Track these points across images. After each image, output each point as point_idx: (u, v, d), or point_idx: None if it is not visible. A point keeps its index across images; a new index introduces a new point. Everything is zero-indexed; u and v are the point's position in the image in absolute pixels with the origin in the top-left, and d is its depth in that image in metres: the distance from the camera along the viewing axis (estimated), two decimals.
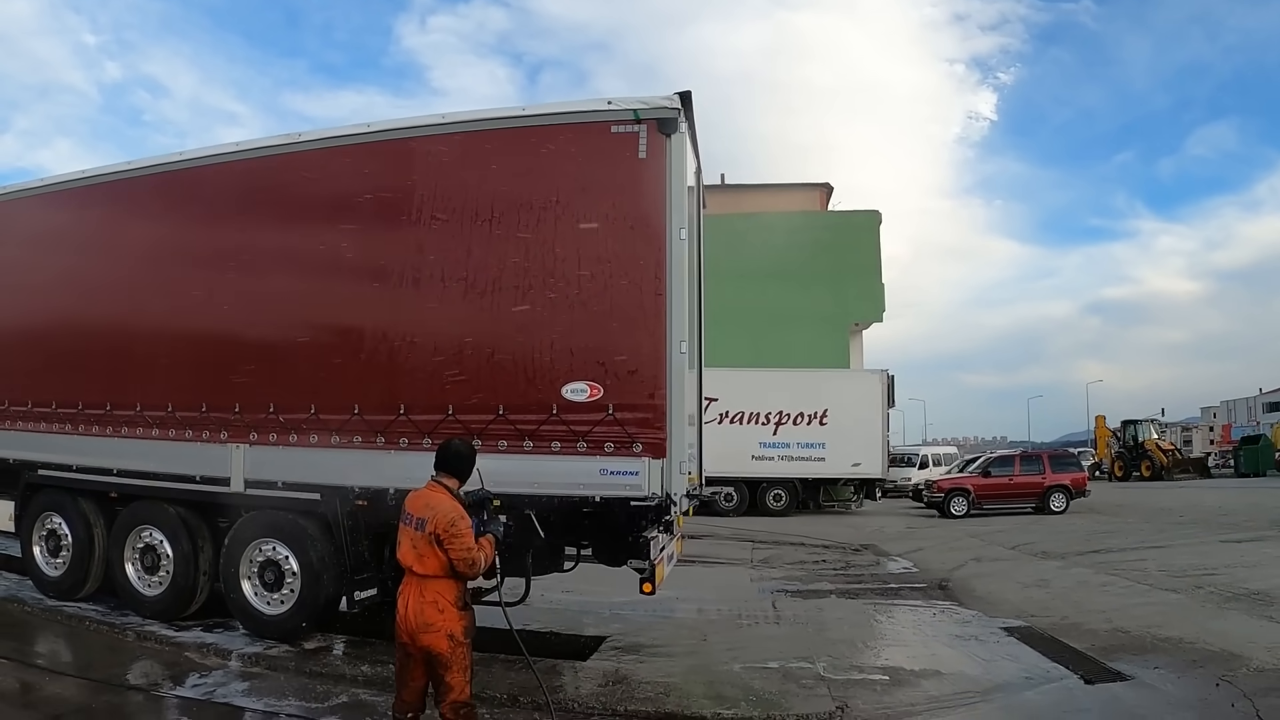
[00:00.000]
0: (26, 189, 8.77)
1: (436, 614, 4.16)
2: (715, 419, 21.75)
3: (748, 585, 10.92)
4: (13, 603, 7.92)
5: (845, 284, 28.62)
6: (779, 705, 5.63)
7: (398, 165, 6.96)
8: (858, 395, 21.99)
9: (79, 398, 7.87)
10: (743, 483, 22.07)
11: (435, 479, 4.43)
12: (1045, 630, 7.72)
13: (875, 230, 30.10)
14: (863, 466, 21.84)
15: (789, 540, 16.14)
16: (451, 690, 4.17)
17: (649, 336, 6.17)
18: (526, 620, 8.46)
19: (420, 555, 4.20)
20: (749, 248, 29.16)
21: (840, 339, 28.60)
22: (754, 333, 27.73)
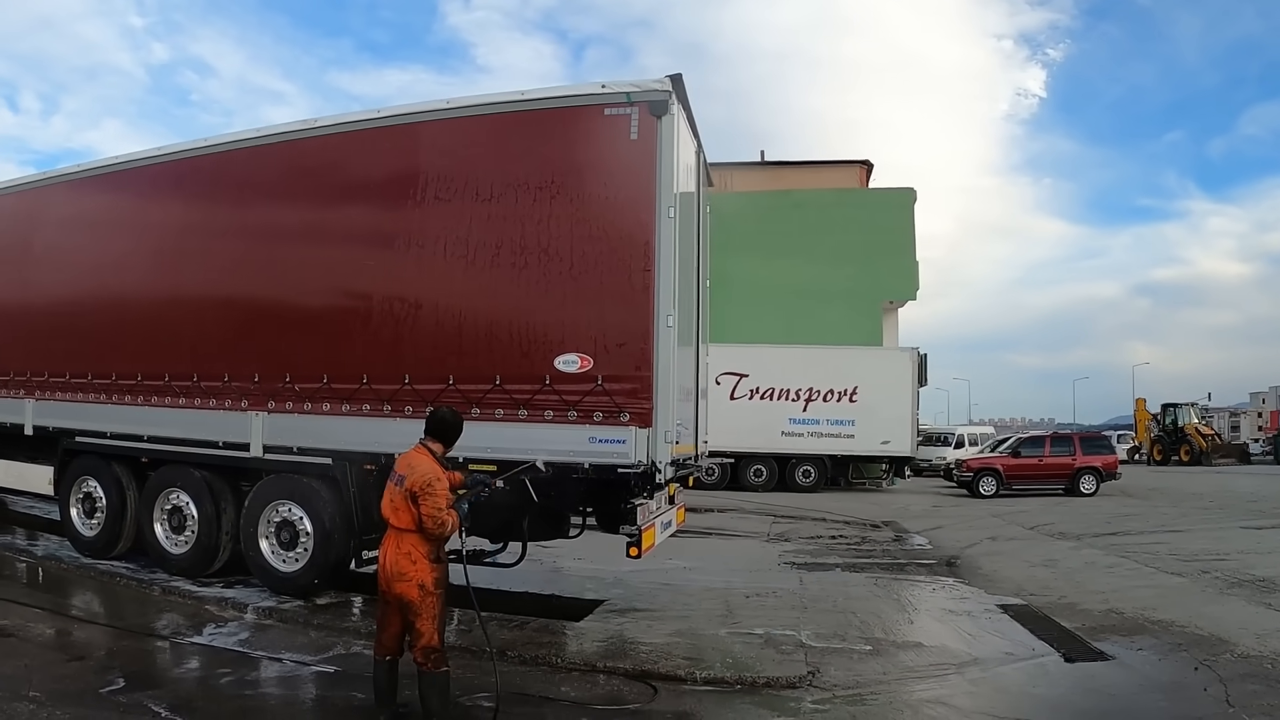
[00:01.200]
0: (61, 175, 9.34)
1: (409, 565, 4.50)
2: (746, 395, 22.13)
3: (757, 557, 11.15)
4: (52, 561, 8.52)
5: (879, 262, 28.38)
6: (751, 668, 5.82)
7: (405, 148, 7.30)
8: (888, 373, 22.03)
9: (112, 369, 8.38)
10: (772, 459, 22.29)
11: (422, 442, 4.83)
12: (1040, 609, 7.78)
13: (910, 208, 29.73)
14: (892, 444, 21.89)
15: (811, 515, 16.32)
16: (421, 636, 4.50)
17: (637, 311, 6.39)
18: (532, 584, 8.90)
19: (396, 509, 4.56)
20: (782, 225, 29.21)
21: (873, 317, 28.44)
22: (787, 310, 27.81)
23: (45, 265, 9.04)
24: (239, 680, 5.48)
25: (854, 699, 5.25)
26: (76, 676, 5.26)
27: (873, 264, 28.23)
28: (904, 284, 29.19)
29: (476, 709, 5.02)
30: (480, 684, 5.34)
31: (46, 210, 9.15)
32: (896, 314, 30.59)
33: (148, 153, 8.66)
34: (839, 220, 28.71)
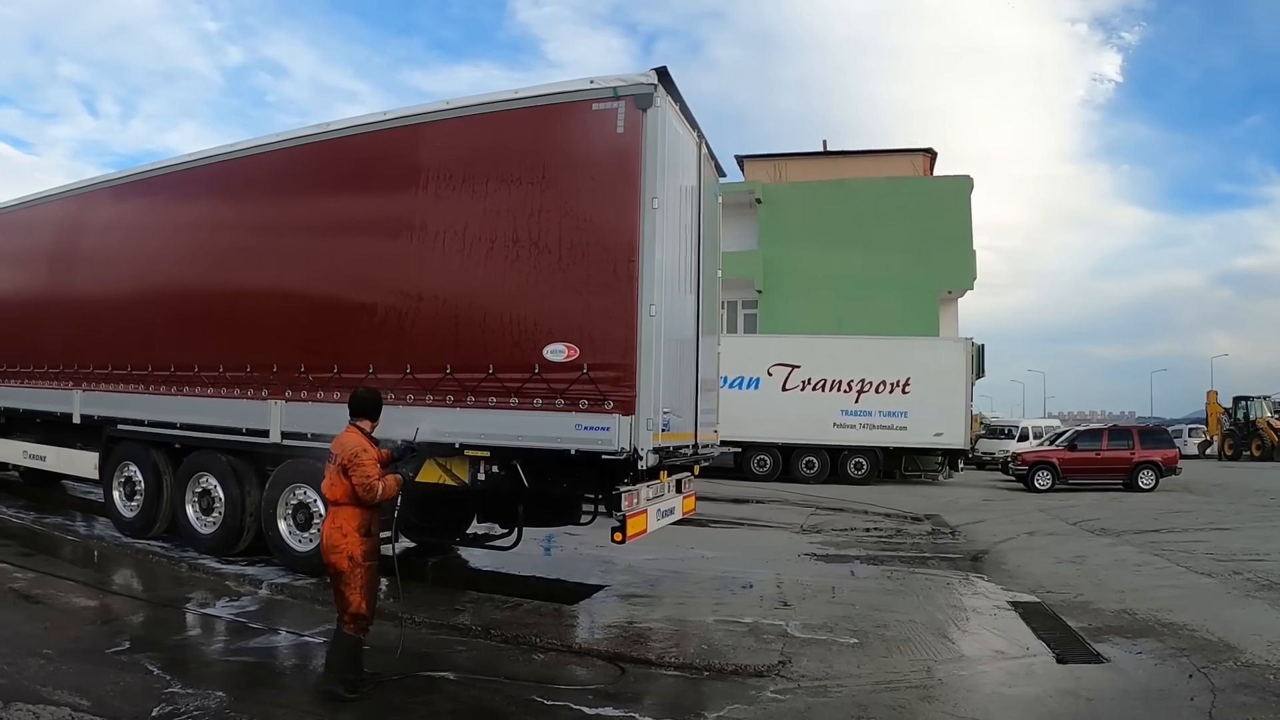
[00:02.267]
0: (102, 181, 10.03)
1: (341, 538, 4.84)
2: (798, 386, 22.05)
3: (781, 548, 11.11)
4: (94, 539, 9.19)
5: (935, 251, 27.71)
6: (724, 655, 5.85)
7: (408, 149, 7.57)
8: (941, 364, 21.55)
9: (149, 361, 8.94)
10: (824, 450, 22.10)
11: (352, 422, 5.11)
12: (1052, 607, 7.57)
13: (966, 196, 28.91)
14: (945, 437, 21.41)
15: (853, 508, 16.15)
16: (350, 604, 4.82)
17: (620, 300, 6.50)
18: (543, 568, 9.14)
19: (330, 484, 4.92)
20: (838, 215, 28.92)
21: (930, 307, 27.79)
22: (842, 301, 27.57)
23: (89, 266, 9.70)
24: (231, 647, 5.86)
25: (817, 690, 5.21)
26: (89, 638, 5.72)
27: (929, 253, 27.61)
28: (961, 273, 28.45)
29: (439, 681, 5.22)
30: (450, 662, 5.58)
31: (90, 215, 9.84)
32: (956, 304, 29.89)
33: (175, 160, 9.23)
34: (895, 209, 28.16)
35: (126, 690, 4.73)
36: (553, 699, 4.91)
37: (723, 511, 15.06)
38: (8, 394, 10.61)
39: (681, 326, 7.59)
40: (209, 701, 4.61)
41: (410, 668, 5.33)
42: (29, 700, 4.40)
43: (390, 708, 4.76)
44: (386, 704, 4.79)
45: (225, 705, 4.59)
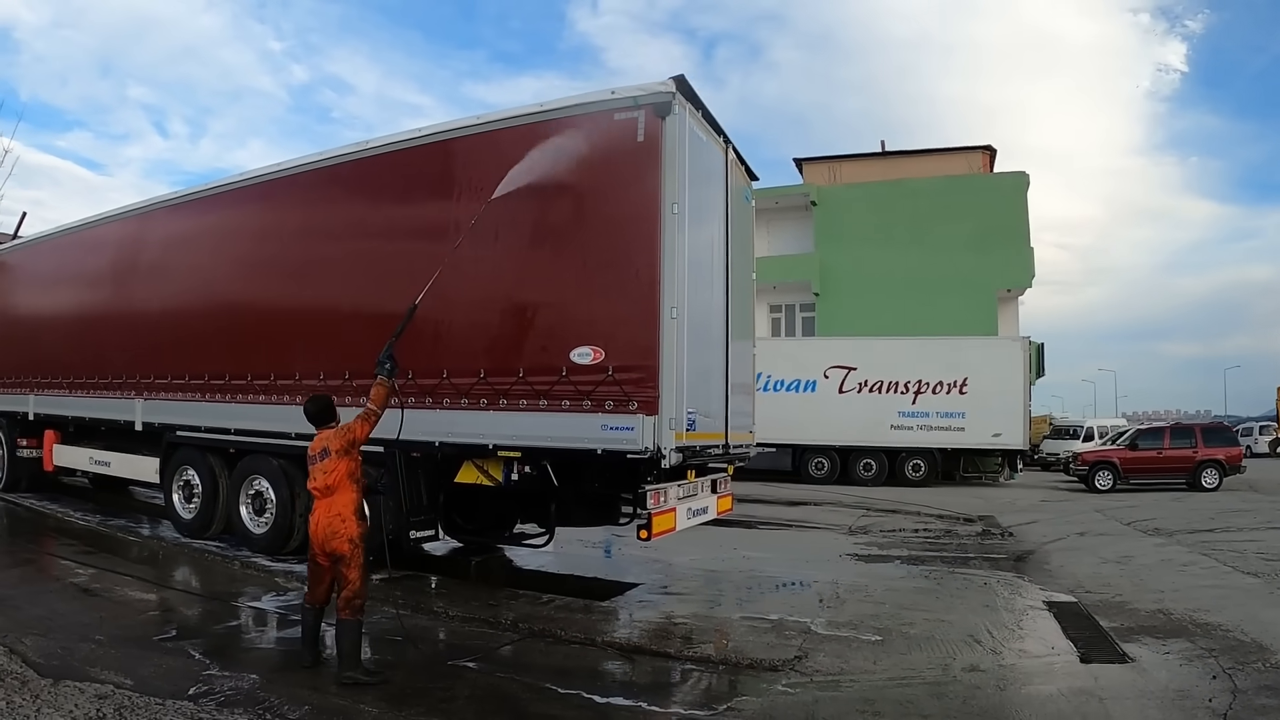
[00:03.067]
0: (156, 203, 10.65)
1: (341, 524, 5.26)
2: (855, 388, 22.00)
3: (825, 548, 11.11)
4: (155, 540, 9.69)
5: (992, 249, 27.27)
6: (742, 650, 5.93)
7: (442, 163, 7.85)
8: (998, 363, 21.21)
9: (205, 370, 9.41)
10: (882, 452, 21.96)
11: (319, 431, 5.67)
12: (1087, 607, 7.44)
13: (1023, 193, 28.30)
14: (1003, 437, 21.06)
15: (906, 509, 16.02)
16: (350, 584, 5.19)
17: (643, 303, 6.64)
18: (583, 566, 9.34)
19: (327, 472, 5.34)
20: (894, 215, 28.69)
21: (988, 306, 27.34)
22: (899, 301, 27.39)
23: (148, 282, 10.27)
24: (270, 636, 6.22)
25: (828, 685, 5.25)
26: (139, 627, 6.11)
27: (987, 251, 27.18)
28: (1019, 271, 27.87)
29: (462, 669, 5.44)
30: (475, 652, 5.80)
31: (146, 234, 10.45)
32: (1016, 303, 29.31)
33: (221, 181, 9.77)
34: (951, 208, 27.83)
35: (168, 672, 5.05)
36: (567, 688, 5.06)
37: (774, 514, 15.13)
38: (76, 404, 11.26)
39: (709, 328, 7.69)
40: (242, 683, 4.90)
41: (437, 657, 5.59)
42: (76, 679, 4.75)
43: (412, 691, 4.98)
44: (408, 688, 5.02)
45: (257, 686, 4.87)
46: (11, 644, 5.35)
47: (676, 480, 7.45)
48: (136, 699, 4.50)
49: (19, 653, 5.19)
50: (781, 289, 31.05)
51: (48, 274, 12.55)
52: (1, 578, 7.47)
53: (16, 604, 6.49)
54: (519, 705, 4.80)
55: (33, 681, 4.69)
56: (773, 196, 32.01)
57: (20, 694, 4.47)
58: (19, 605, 6.46)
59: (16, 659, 5.06)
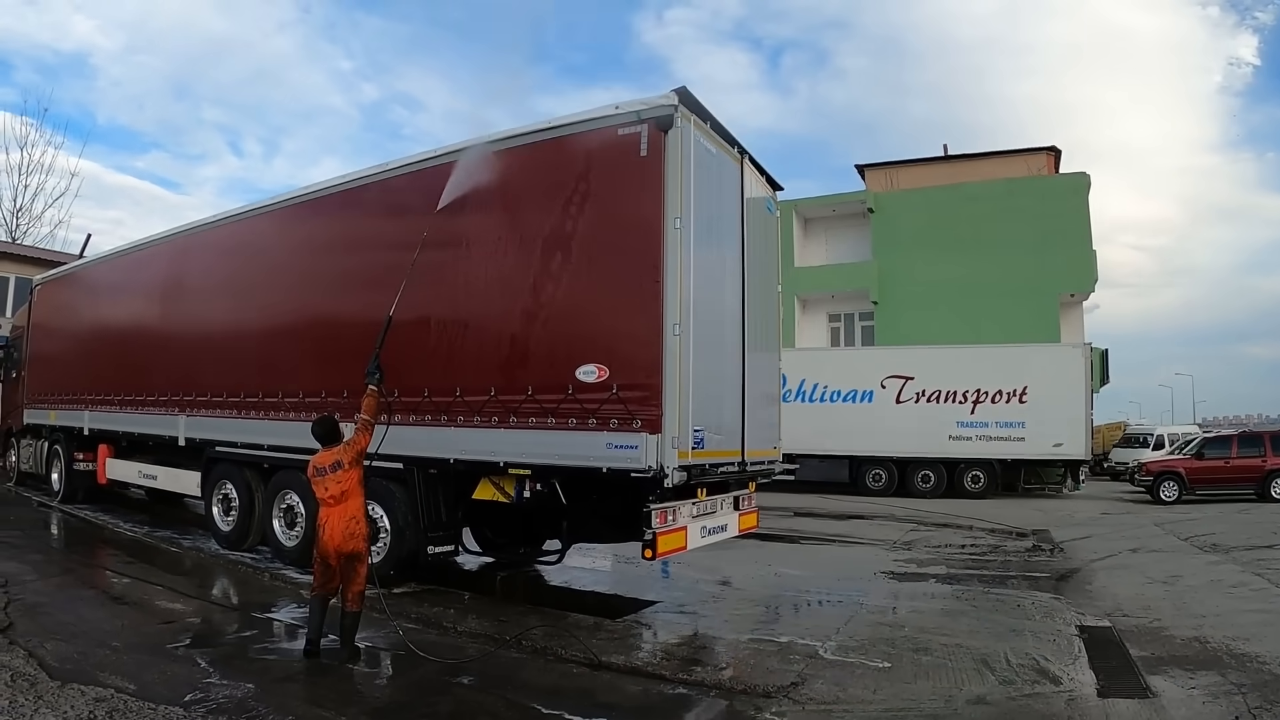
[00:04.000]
0: (193, 227, 11.14)
1: (356, 526, 5.98)
2: (912, 398, 21.61)
3: (861, 565, 10.84)
4: (193, 551, 10.09)
5: (1053, 253, 26.47)
6: (740, 674, 5.83)
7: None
8: (1058, 371, 20.48)
9: (241, 388, 9.76)
10: (940, 463, 21.42)
11: (326, 449, 6.28)
12: (1121, 632, 7.07)
13: (1084, 194, 27.30)
14: (1064, 447, 20.30)
15: (958, 523, 15.59)
16: (359, 578, 5.95)
17: (646, 320, 6.63)
18: (606, 583, 9.33)
19: (340, 481, 6.02)
20: (952, 220, 28.09)
21: (1050, 312, 26.51)
22: (959, 308, 26.85)
23: (189, 303, 10.79)
24: (278, 646, 6.36)
25: (819, 714, 5.08)
26: (156, 635, 6.36)
27: (1048, 255, 26.41)
28: (1081, 275, 26.94)
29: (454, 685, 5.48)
30: (472, 668, 5.82)
31: (187, 256, 10.96)
32: (1080, 308, 28.34)
33: (247, 206, 10.23)
34: (1011, 212, 27.13)
35: (171, 679, 5.25)
36: (552, 708, 5.05)
37: (820, 528, 14.90)
38: (126, 420, 11.80)
39: (721, 343, 7.60)
40: (237, 691, 5.07)
41: (433, 672, 5.67)
42: (84, 682, 5.01)
43: (397, 705, 5.08)
44: (394, 702, 5.12)
45: (250, 695, 5.02)
46: (33, 648, 5.68)
47: (689, 498, 7.38)
48: (131, 703, 4.71)
49: (37, 656, 5.51)
50: (840, 298, 30.67)
51: (98, 295, 13.28)
52: (41, 585, 7.88)
53: (49, 610, 6.86)
54: None
55: (42, 683, 4.98)
56: (829, 204, 31.68)
57: (26, 694, 4.75)
58: (51, 612, 6.83)
59: (33, 662, 5.38)
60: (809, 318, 31.34)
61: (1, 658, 5.42)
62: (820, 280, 30.70)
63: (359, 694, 5.27)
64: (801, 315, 30.93)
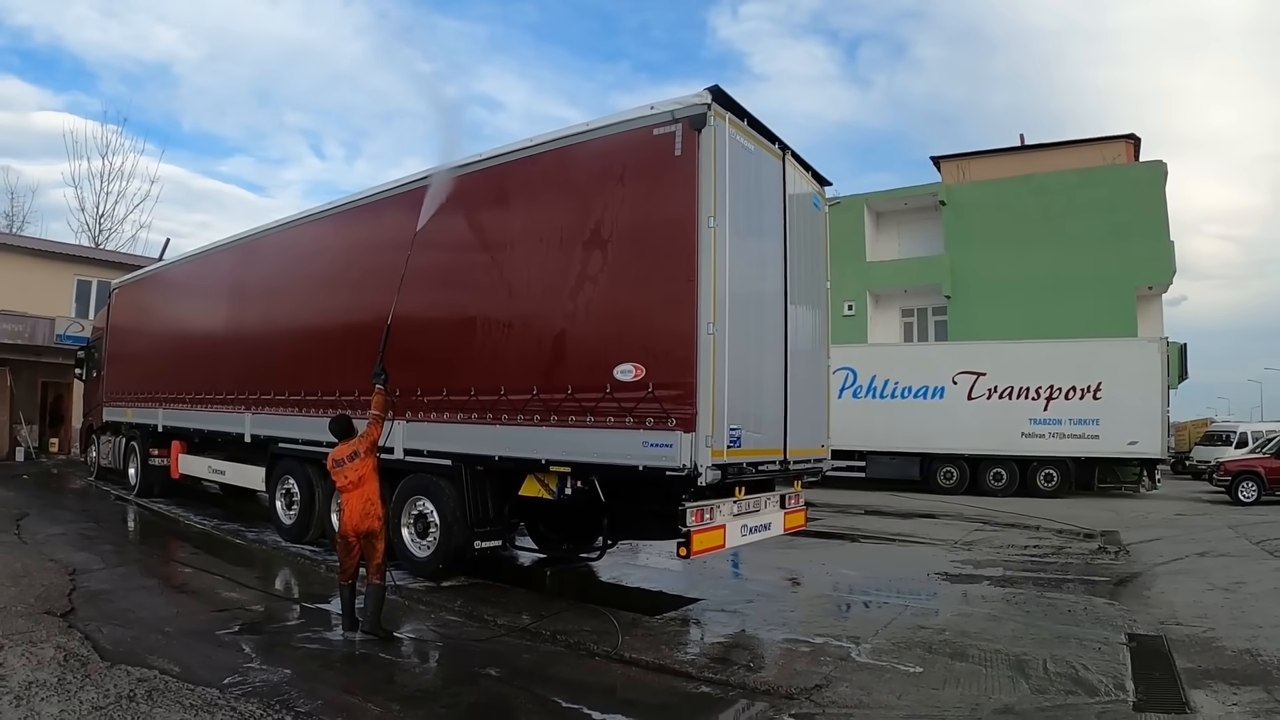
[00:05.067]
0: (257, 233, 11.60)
1: (374, 507, 6.58)
2: (984, 394, 21.14)
3: (916, 565, 10.62)
4: (257, 543, 10.55)
5: (1129, 244, 25.43)
6: (767, 674, 5.82)
7: (498, 187, 8.18)
8: (1134, 367, 19.74)
9: (302, 387, 10.13)
10: (1012, 462, 20.84)
11: (343, 442, 6.92)
12: (1171, 642, 6.78)
13: (1160, 183, 26.02)
14: (1140, 445, 19.53)
15: (1025, 523, 15.17)
16: (378, 554, 6.56)
17: (681, 319, 6.65)
18: (654, 580, 9.37)
19: (357, 469, 6.64)
20: (1026, 212, 27.26)
21: (1126, 305, 25.48)
22: (1034, 302, 26.00)
23: (252, 305, 11.31)
24: (321, 636, 6.59)
25: (840, 718, 5.03)
26: (208, 621, 6.71)
27: (1123, 247, 25.37)
28: (1158, 267, 25.84)
29: (481, 676, 5.62)
30: (503, 661, 5.96)
31: (251, 260, 11.45)
32: (1159, 301, 27.14)
33: (305, 212, 10.63)
34: (1085, 202, 26.14)
35: (214, 663, 5.55)
36: (572, 702, 5.14)
37: (883, 526, 14.72)
38: (197, 417, 12.39)
39: (761, 342, 7.58)
40: (274, 676, 5.32)
41: (465, 664, 5.85)
42: (131, 664, 5.35)
43: (423, 695, 5.25)
44: (420, 690, 5.28)
45: (285, 680, 5.26)
46: (90, 631, 6.07)
47: (728, 497, 7.37)
48: (171, 684, 5.00)
49: (93, 639, 5.89)
50: (913, 293, 30.08)
51: (170, 298, 14.04)
52: (107, 574, 8.37)
53: (110, 598, 7.30)
54: (513, 717, 4.92)
55: (93, 663, 5.33)
56: (900, 198, 31.08)
57: (75, 673, 5.10)
58: (112, 599, 7.27)
59: (88, 644, 5.75)
60: (882, 313, 30.85)
61: (59, 639, 5.81)
62: (892, 275, 30.17)
63: (389, 682, 5.45)
64: (874, 311, 30.47)
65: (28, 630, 6.02)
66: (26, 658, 5.36)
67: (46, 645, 5.66)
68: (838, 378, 22.56)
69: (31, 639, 5.80)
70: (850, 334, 29.03)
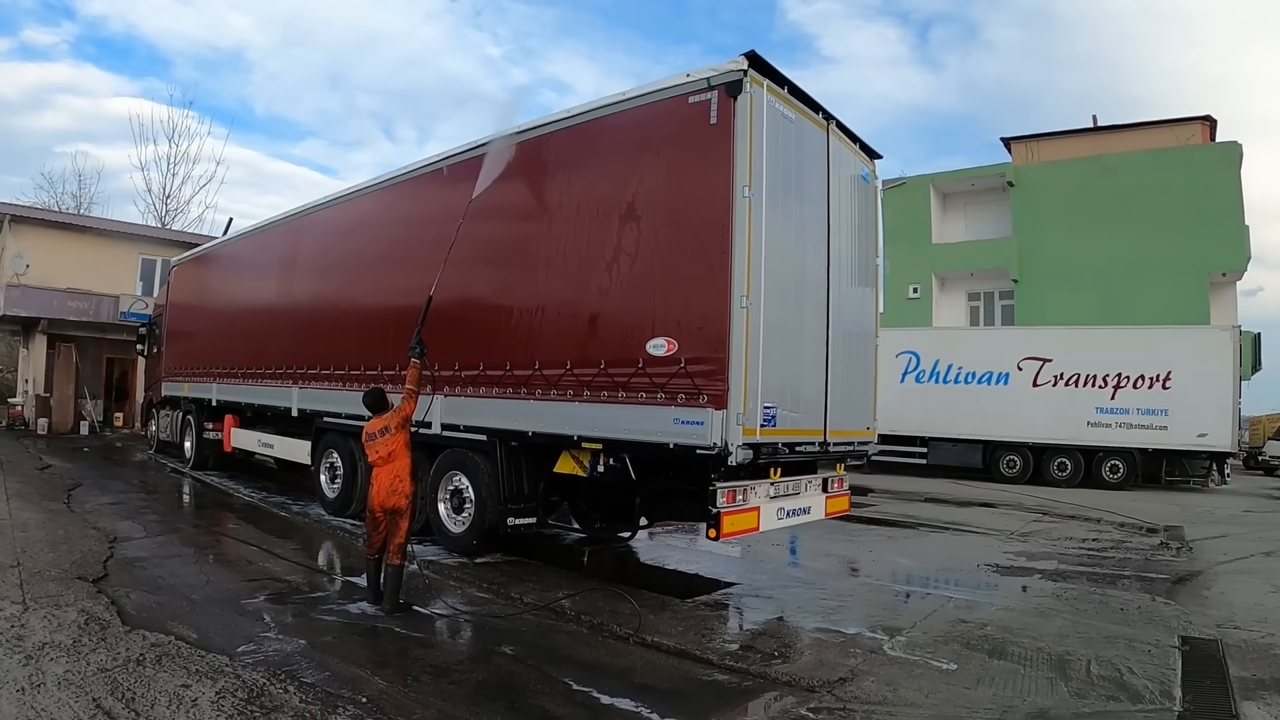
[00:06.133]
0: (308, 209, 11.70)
1: (401, 484, 6.54)
2: (1049, 382, 20.51)
3: (968, 556, 10.22)
4: (300, 515, 10.69)
5: (1202, 229, 24.20)
6: (790, 664, 5.55)
7: (535, 160, 8.03)
8: (1204, 356, 18.87)
9: (346, 362, 10.22)
10: (1077, 451, 20.18)
11: (376, 416, 6.85)
12: (1227, 646, 6.31)
13: (1235, 165, 24.51)
14: (1209, 437, 18.71)
15: (1087, 515, 14.57)
16: (401, 533, 6.56)
17: (714, 293, 6.44)
18: (691, 563, 9.17)
19: (389, 443, 6.60)
20: (1095, 195, 26.15)
21: (1199, 292, 24.25)
22: (1103, 287, 25.01)
23: (299, 279, 11.48)
24: (343, 609, 6.53)
25: (862, 714, 4.74)
26: (235, 591, 6.77)
27: (1196, 232, 24.16)
28: (1232, 253, 24.51)
29: (496, 654, 5.53)
30: (522, 640, 5.88)
31: (300, 237, 11.60)
32: (1234, 289, 25.73)
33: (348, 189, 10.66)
34: (1157, 185, 24.91)
35: (231, 631, 5.57)
36: (583, 684, 5.00)
37: (939, 514, 14.32)
38: (248, 391, 12.63)
39: (800, 318, 7.29)
40: (287, 646, 5.32)
41: (483, 641, 5.79)
42: (150, 629, 5.42)
43: (431, 669, 5.16)
44: (431, 666, 5.20)
45: (298, 650, 5.26)
46: (118, 597, 6.19)
47: (764, 478, 7.14)
48: (184, 649, 5.04)
49: (119, 604, 5.99)
50: (979, 276, 29.17)
51: (223, 274, 14.37)
52: (147, 542, 8.56)
53: (145, 565, 7.44)
54: (519, 696, 4.79)
55: (112, 627, 5.40)
56: (967, 178, 30.13)
57: (92, 636, 5.18)
58: (146, 566, 7.41)
59: (113, 609, 5.84)
60: (947, 296, 29.99)
61: (85, 603, 5.92)
62: (958, 258, 29.28)
63: (402, 656, 5.40)
64: (940, 294, 29.66)
65: (56, 594, 6.15)
66: (48, 620, 5.47)
67: (71, 609, 5.77)
68: (900, 362, 22.12)
69: (59, 602, 5.92)
70: (915, 317, 28.34)
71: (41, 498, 11.12)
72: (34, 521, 9.21)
